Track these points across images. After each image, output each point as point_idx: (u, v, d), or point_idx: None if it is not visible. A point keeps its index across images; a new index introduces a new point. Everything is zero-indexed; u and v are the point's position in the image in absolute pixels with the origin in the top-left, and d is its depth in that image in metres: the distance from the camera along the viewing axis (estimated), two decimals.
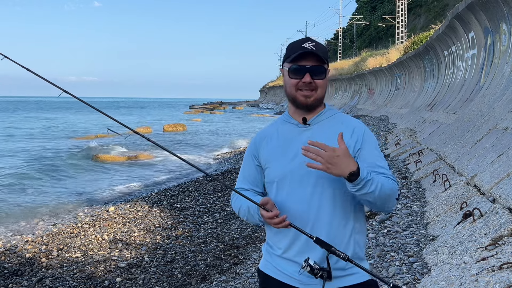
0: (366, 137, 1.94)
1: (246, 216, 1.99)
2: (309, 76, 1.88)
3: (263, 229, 6.51)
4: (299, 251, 1.89)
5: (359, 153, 1.90)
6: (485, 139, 6.88)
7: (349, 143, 1.89)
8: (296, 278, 1.89)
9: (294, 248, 1.90)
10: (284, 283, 1.92)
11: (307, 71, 1.88)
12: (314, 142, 1.75)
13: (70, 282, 5.17)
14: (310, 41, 1.91)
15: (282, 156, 1.94)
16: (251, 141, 2.09)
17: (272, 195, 1.95)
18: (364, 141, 1.92)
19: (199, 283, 4.97)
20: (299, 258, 1.87)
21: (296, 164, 1.90)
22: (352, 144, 1.90)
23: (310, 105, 1.93)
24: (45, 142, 25.00)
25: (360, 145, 1.91)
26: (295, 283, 1.90)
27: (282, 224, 1.79)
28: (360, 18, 63.65)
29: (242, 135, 30.09)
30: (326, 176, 1.83)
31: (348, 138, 1.90)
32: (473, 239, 3.90)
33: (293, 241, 1.90)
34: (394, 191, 1.85)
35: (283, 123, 2.03)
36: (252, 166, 2.04)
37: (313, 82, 1.89)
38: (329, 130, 1.93)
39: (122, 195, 11.27)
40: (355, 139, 1.92)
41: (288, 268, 1.91)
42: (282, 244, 1.94)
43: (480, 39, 11.34)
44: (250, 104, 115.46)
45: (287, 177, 1.91)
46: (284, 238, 1.92)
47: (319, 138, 1.87)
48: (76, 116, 58.21)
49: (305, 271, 1.78)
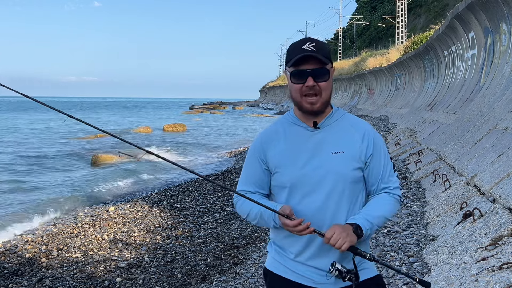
0: (376, 141, 1.97)
1: (256, 221, 1.96)
2: (312, 79, 1.85)
3: (263, 229, 6.51)
4: (312, 255, 1.89)
5: (370, 159, 1.93)
6: (485, 139, 6.88)
7: (361, 148, 1.92)
8: (308, 277, 1.89)
9: (307, 252, 1.90)
10: (295, 282, 1.91)
11: (309, 75, 1.85)
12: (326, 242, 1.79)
13: (70, 282, 5.17)
14: (310, 42, 1.87)
15: (294, 161, 1.91)
16: (255, 142, 2.03)
17: (282, 199, 1.93)
18: (375, 146, 1.95)
19: (199, 283, 4.96)
20: (312, 261, 1.88)
21: (309, 170, 1.89)
22: (364, 149, 1.92)
23: (317, 111, 1.90)
24: (45, 142, 25.00)
25: (371, 151, 1.94)
26: (308, 282, 1.90)
27: (306, 231, 1.78)
28: (360, 18, 63.63)
29: (242, 135, 30.09)
30: (340, 181, 1.88)
31: (360, 143, 1.92)
32: (473, 239, 3.90)
33: (307, 246, 1.90)
34: (396, 208, 1.97)
35: (290, 124, 1.99)
36: (259, 168, 1.99)
37: (317, 85, 1.86)
38: (339, 133, 1.94)
39: (122, 195, 11.27)
40: (366, 144, 1.93)
41: (300, 267, 1.91)
42: (294, 249, 1.93)
43: (480, 39, 11.34)
44: (250, 104, 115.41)
45: (300, 183, 1.89)
46: (297, 242, 1.91)
47: (330, 142, 1.91)
48: (77, 116, 58.03)
49: (333, 276, 1.78)
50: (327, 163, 1.88)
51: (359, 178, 1.92)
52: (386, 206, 1.92)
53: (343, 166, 1.88)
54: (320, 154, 1.89)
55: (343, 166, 1.88)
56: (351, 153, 1.90)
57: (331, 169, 1.87)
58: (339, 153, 1.89)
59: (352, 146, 1.91)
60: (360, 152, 1.91)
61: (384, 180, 1.96)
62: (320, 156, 1.89)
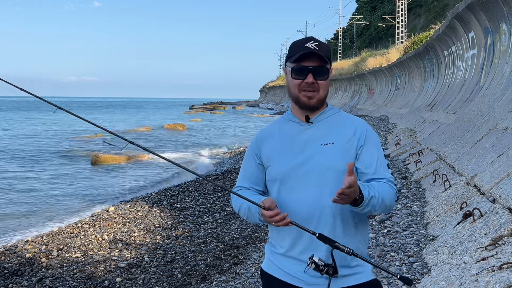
0: (369, 135, 1.96)
1: (246, 215, 1.98)
2: (312, 76, 1.88)
3: (263, 229, 6.51)
4: (303, 249, 1.88)
5: (361, 150, 1.92)
6: (485, 139, 6.88)
7: (352, 140, 1.91)
8: (300, 278, 1.89)
9: (297, 246, 1.90)
10: (288, 284, 1.90)
11: (310, 71, 1.88)
12: (339, 192, 1.71)
13: (70, 282, 5.17)
14: (313, 41, 1.90)
15: (284, 154, 1.93)
16: (253, 140, 2.07)
17: (274, 193, 1.95)
18: (367, 139, 1.94)
19: (199, 283, 4.97)
20: (303, 256, 1.87)
21: (299, 162, 1.90)
22: (355, 141, 1.92)
23: (313, 106, 1.93)
24: (45, 141, 24.99)
25: (363, 142, 1.93)
26: (300, 283, 1.89)
27: (282, 222, 1.79)
28: (360, 18, 63.64)
29: (242, 135, 30.10)
30: (330, 174, 1.86)
31: (351, 135, 1.92)
32: (473, 239, 3.90)
33: (297, 239, 1.89)
34: (393, 198, 1.90)
35: (285, 121, 2.02)
36: (253, 164, 2.03)
37: (316, 82, 1.89)
38: (331, 127, 1.95)
39: (122, 195, 11.27)
40: (358, 136, 1.93)
41: (292, 267, 1.90)
42: (285, 243, 1.93)
43: (480, 39, 11.34)
44: (250, 104, 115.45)
45: (290, 175, 1.90)
46: (287, 236, 1.91)
47: (321, 135, 1.92)
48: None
49: (310, 268, 1.78)
50: (316, 154, 1.89)
51: None
52: (382, 190, 1.85)
53: (333, 158, 1.88)
54: (310, 147, 1.90)
55: (332, 158, 1.88)
56: (341, 144, 1.90)
57: (320, 161, 1.88)
58: (329, 144, 1.89)
59: (342, 138, 1.91)
60: (351, 145, 1.90)
61: (379, 173, 1.91)
62: (310, 148, 1.90)
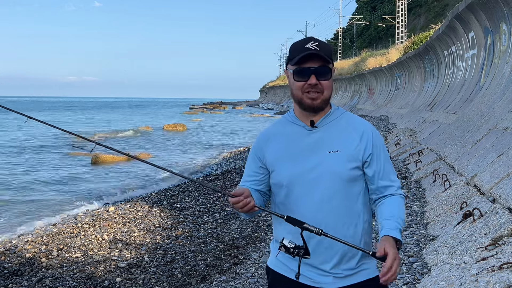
0: (375, 140, 1.96)
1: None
2: (315, 77, 1.86)
3: (263, 229, 6.52)
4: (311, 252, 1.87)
5: (370, 158, 1.93)
6: (485, 139, 6.88)
7: (359, 147, 1.92)
8: (307, 277, 1.90)
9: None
10: (295, 281, 1.90)
11: (312, 73, 1.86)
12: (385, 271, 1.73)
13: (70, 282, 5.17)
14: (313, 41, 1.88)
15: (290, 160, 1.93)
16: (255, 141, 2.07)
17: (280, 198, 1.95)
18: (374, 146, 1.95)
19: (199, 283, 4.96)
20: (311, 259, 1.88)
21: (306, 169, 1.89)
22: (362, 148, 1.92)
23: (317, 107, 1.91)
24: (45, 141, 24.99)
25: (371, 150, 1.93)
26: (308, 282, 1.90)
27: (247, 207, 1.78)
28: (360, 18, 63.64)
29: (242, 135, 30.10)
30: (336, 180, 1.88)
31: (357, 142, 1.92)
32: (473, 239, 3.90)
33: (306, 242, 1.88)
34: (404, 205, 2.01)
35: (289, 124, 2.00)
36: (255, 166, 2.02)
37: (319, 83, 1.87)
38: (336, 132, 1.94)
39: (122, 195, 11.26)
40: (365, 143, 1.93)
41: (296, 264, 1.90)
42: (281, 236, 1.93)
43: (480, 39, 11.35)
44: (250, 104, 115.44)
45: (296, 181, 1.90)
46: (283, 230, 1.92)
47: (327, 141, 1.91)
48: (77, 116, 58.25)
49: (281, 252, 1.81)
50: (324, 162, 1.89)
51: (356, 177, 1.91)
52: (402, 209, 1.95)
53: (339, 165, 1.88)
54: (316, 153, 1.90)
55: (339, 165, 1.88)
56: (348, 152, 1.90)
57: (327, 168, 1.88)
58: (335, 152, 1.89)
59: (349, 145, 1.91)
60: (358, 151, 1.91)
61: (388, 178, 1.96)
62: (316, 155, 1.90)
